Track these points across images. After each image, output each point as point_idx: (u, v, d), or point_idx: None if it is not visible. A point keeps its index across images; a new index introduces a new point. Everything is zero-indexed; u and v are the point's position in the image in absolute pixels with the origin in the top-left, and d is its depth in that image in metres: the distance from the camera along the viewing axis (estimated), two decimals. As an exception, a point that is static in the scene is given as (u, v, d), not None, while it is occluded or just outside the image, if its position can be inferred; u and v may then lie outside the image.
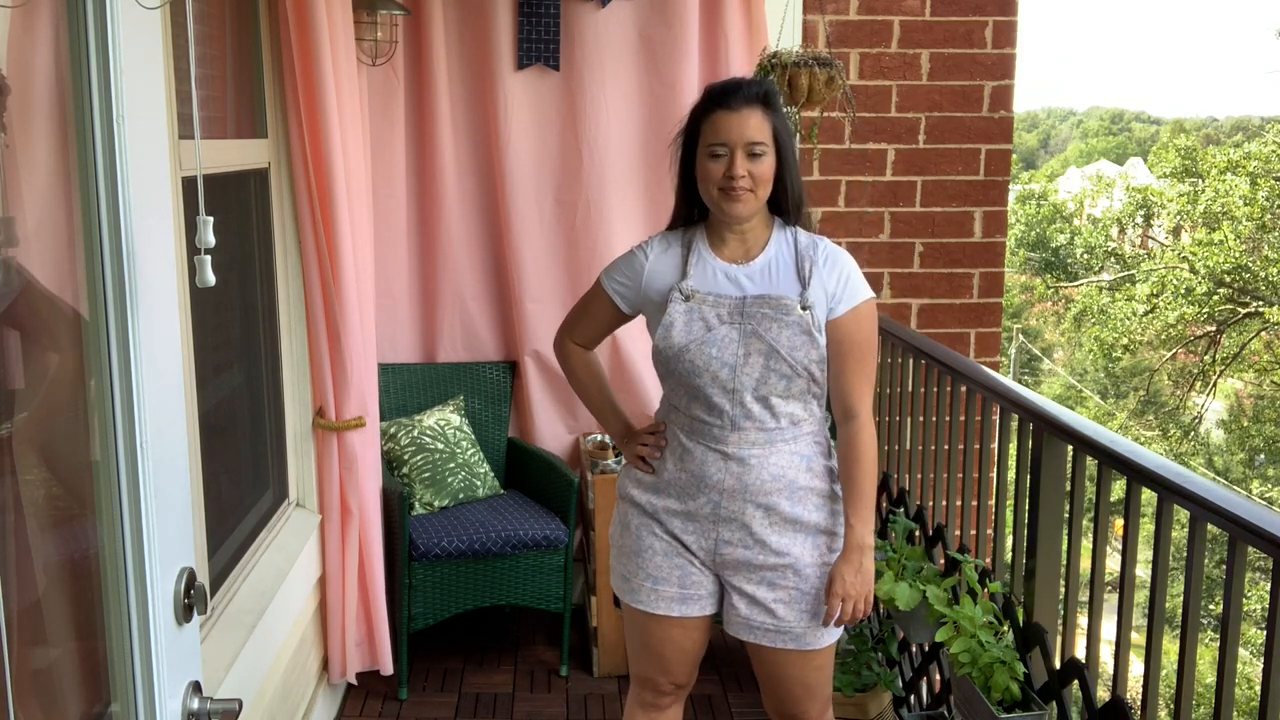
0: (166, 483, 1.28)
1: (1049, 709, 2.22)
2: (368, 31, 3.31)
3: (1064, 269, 20.83)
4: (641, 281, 2.18)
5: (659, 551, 2.18)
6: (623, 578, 2.24)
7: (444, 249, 3.70)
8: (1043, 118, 61.24)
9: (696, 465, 2.12)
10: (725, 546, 2.14)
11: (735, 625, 2.19)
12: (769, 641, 2.16)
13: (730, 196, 2.05)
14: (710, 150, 2.06)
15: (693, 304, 2.09)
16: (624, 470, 2.29)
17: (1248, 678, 11.17)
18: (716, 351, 2.06)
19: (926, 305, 3.91)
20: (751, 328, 2.06)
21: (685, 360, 2.08)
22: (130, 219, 1.20)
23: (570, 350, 2.35)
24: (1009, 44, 3.81)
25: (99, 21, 1.16)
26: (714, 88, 2.12)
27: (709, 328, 2.07)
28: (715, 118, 2.06)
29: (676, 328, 2.09)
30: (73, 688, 1.28)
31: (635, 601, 2.21)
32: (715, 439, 2.10)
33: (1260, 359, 16.09)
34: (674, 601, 2.18)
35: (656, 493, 2.18)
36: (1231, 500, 1.73)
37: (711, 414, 2.09)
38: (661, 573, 2.18)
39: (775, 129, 2.07)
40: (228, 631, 2.35)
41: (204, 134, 2.43)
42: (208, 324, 2.42)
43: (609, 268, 2.26)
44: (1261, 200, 15.33)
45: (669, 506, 2.16)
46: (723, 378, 2.06)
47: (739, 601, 2.17)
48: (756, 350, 2.05)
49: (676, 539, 2.17)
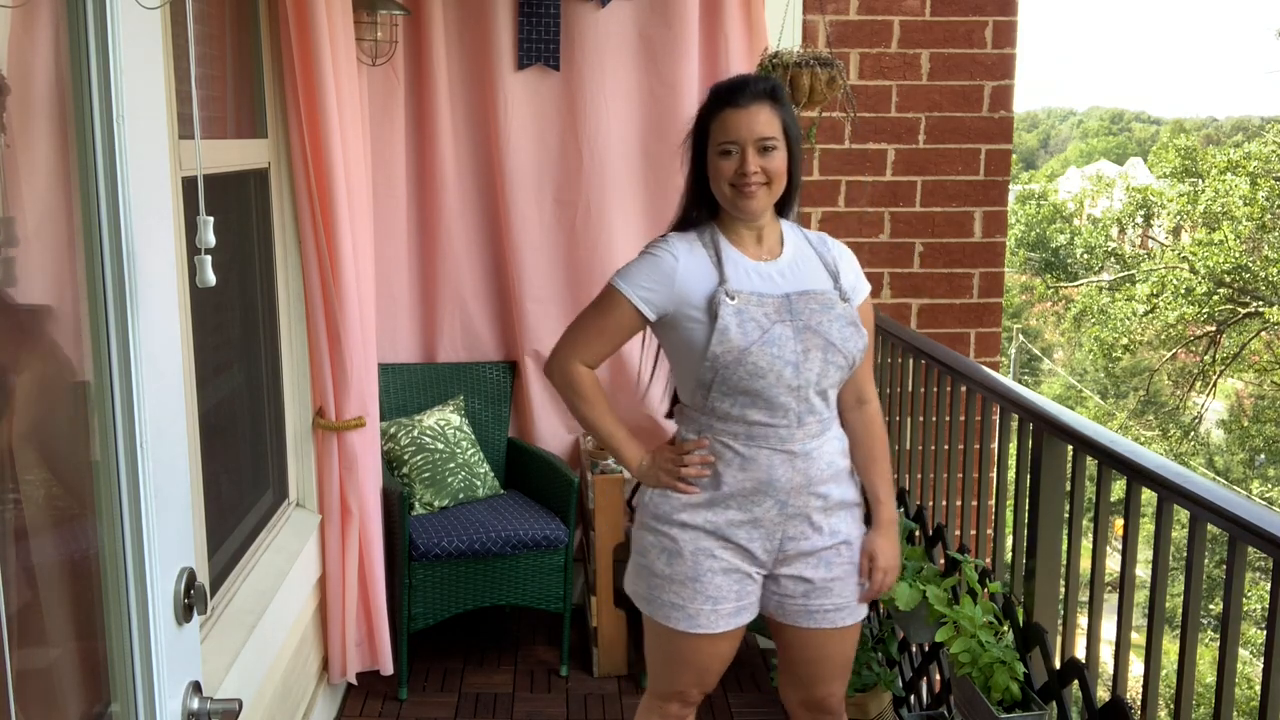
0: (166, 483, 1.28)
1: (1049, 709, 2.22)
2: (368, 31, 3.31)
3: (1064, 269, 20.82)
4: (674, 285, 2.07)
5: (718, 571, 2.11)
6: (675, 606, 2.12)
7: (444, 249, 3.70)
8: (1043, 118, 61.26)
9: (762, 471, 2.07)
10: (789, 543, 2.12)
11: (791, 613, 2.17)
12: (827, 622, 2.17)
13: (744, 193, 2.04)
14: (721, 148, 2.05)
15: (739, 304, 2.03)
16: (655, 496, 2.15)
17: (1248, 678, 11.17)
18: (777, 350, 2.02)
19: (926, 305, 3.91)
20: (804, 323, 2.05)
21: (747, 363, 2.01)
22: (130, 219, 1.20)
23: (580, 374, 2.16)
24: (1009, 44, 3.81)
25: (99, 21, 1.16)
26: (721, 86, 2.11)
27: (763, 328, 2.02)
28: (724, 116, 2.05)
29: (732, 331, 2.01)
30: (73, 688, 1.28)
31: (694, 627, 2.12)
32: (780, 439, 2.07)
33: (1260, 359, 16.10)
34: (731, 616, 2.14)
35: (715, 508, 2.10)
36: (1231, 500, 1.73)
37: (775, 415, 2.05)
38: (721, 592, 2.11)
39: (785, 123, 2.06)
40: (228, 631, 2.35)
41: (204, 134, 2.43)
42: (208, 324, 2.42)
43: (627, 275, 2.12)
44: (1261, 200, 15.33)
45: (732, 519, 2.09)
46: (787, 376, 2.03)
47: (794, 588, 2.15)
48: (814, 345, 2.05)
49: (741, 548, 2.11)
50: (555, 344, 2.21)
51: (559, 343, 2.19)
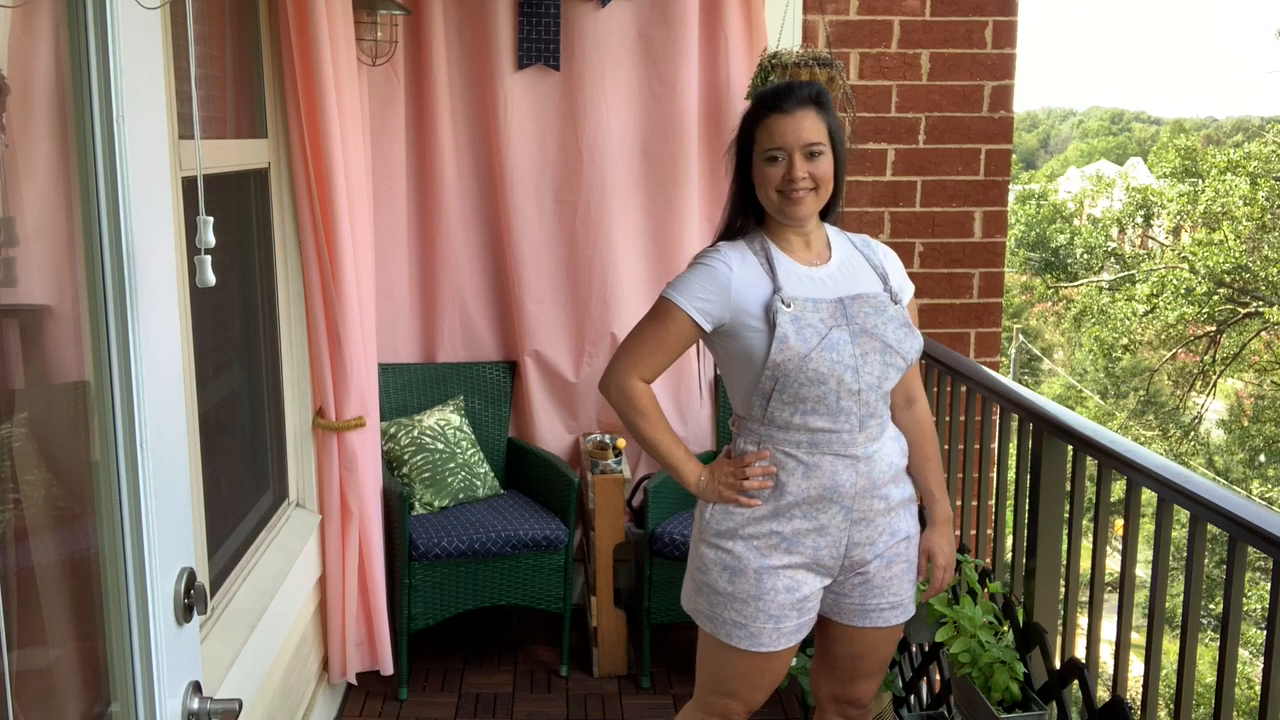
0: (166, 483, 1.28)
1: (1049, 709, 2.22)
2: (368, 31, 3.31)
3: (1064, 269, 20.82)
4: (730, 294, 2.04)
5: (780, 590, 2.08)
6: (737, 625, 2.09)
7: (444, 249, 3.70)
8: (1043, 118, 61.24)
9: (827, 478, 2.05)
10: (855, 549, 2.11)
11: (847, 612, 2.17)
12: (882, 621, 2.17)
13: (792, 199, 2.03)
14: (767, 154, 2.04)
15: (795, 311, 2.01)
16: (716, 512, 2.11)
17: (1248, 677, 11.17)
18: (836, 355, 2.01)
19: (926, 305, 3.91)
20: (859, 326, 2.04)
21: (809, 369, 1.99)
22: (130, 219, 1.19)
23: (639, 389, 2.12)
24: (1009, 44, 3.81)
25: (99, 21, 1.16)
26: (766, 92, 2.09)
27: (820, 334, 2.01)
28: (770, 122, 2.04)
29: (791, 338, 1.99)
30: (73, 688, 1.28)
31: (756, 645, 2.09)
32: (843, 445, 2.06)
33: (1260, 359, 16.10)
34: (793, 633, 2.12)
35: (779, 518, 2.07)
36: (1231, 500, 1.73)
37: (837, 420, 2.04)
38: (783, 610, 2.09)
39: (830, 128, 2.06)
40: (228, 631, 2.35)
41: (204, 134, 2.43)
42: (208, 324, 2.42)
43: (680, 287, 2.08)
44: (1261, 200, 15.32)
45: (798, 529, 2.07)
46: (847, 380, 2.02)
47: (854, 590, 2.15)
48: (872, 349, 2.04)
49: (808, 557, 2.09)
50: (611, 361, 2.16)
51: (615, 359, 2.15)
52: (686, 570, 2.22)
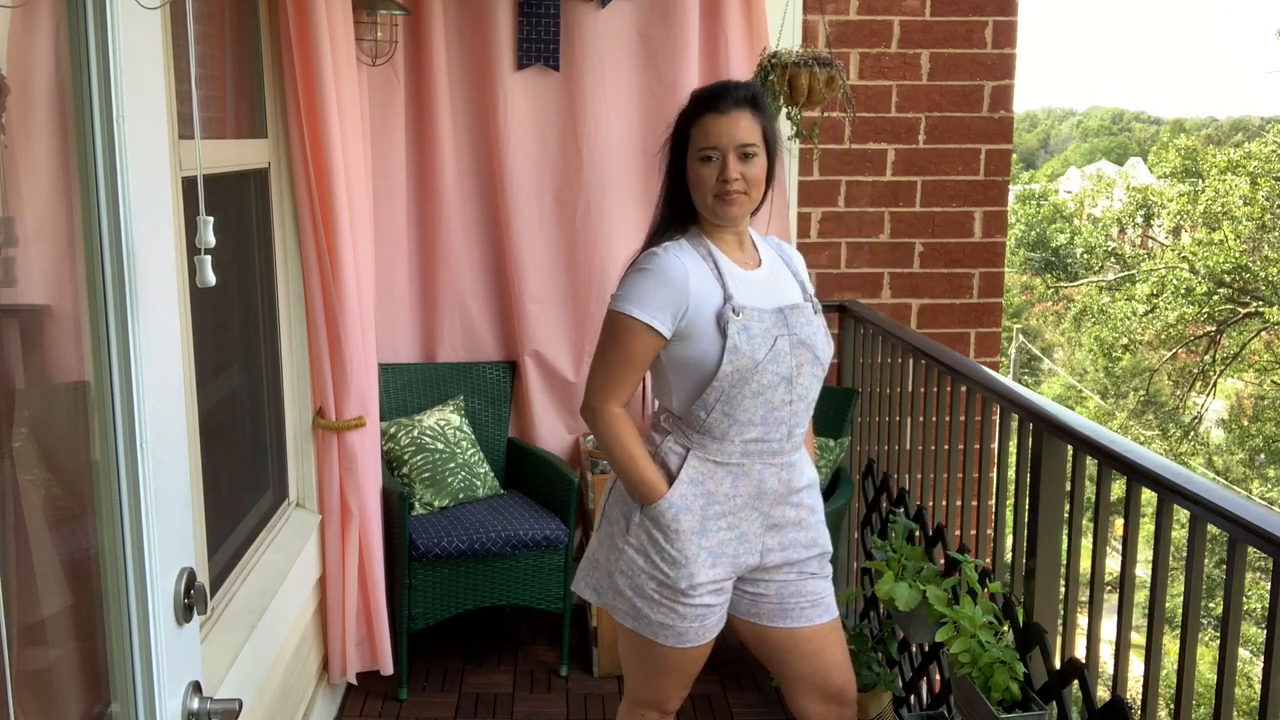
0: (166, 483, 1.28)
1: (1049, 709, 2.22)
2: (368, 31, 3.31)
3: (1064, 269, 20.84)
4: (689, 297, 2.01)
5: (706, 594, 2.11)
6: (664, 625, 2.10)
7: (444, 249, 3.70)
8: (1043, 118, 61.22)
9: (754, 484, 2.08)
10: (769, 554, 2.15)
11: (769, 614, 2.18)
12: (806, 620, 2.19)
13: (725, 200, 2.04)
14: (701, 154, 2.04)
15: (744, 320, 2.01)
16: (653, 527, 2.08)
17: (1248, 677, 11.17)
18: (778, 366, 2.03)
19: (926, 305, 3.91)
20: (798, 337, 2.06)
21: (754, 381, 2.01)
22: (130, 219, 1.19)
23: (621, 419, 2.08)
24: (1009, 44, 3.81)
25: (99, 21, 1.16)
26: (701, 92, 2.11)
27: (768, 344, 2.02)
28: (705, 122, 2.05)
29: (743, 347, 2.00)
30: (73, 688, 1.28)
31: (682, 643, 2.12)
32: (774, 452, 2.09)
33: (1260, 359, 16.10)
34: (715, 626, 2.16)
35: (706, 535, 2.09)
36: (1231, 500, 1.73)
37: (769, 429, 2.06)
38: (709, 611, 2.13)
39: (765, 130, 2.07)
40: (228, 631, 2.35)
41: (204, 134, 2.43)
42: (208, 324, 2.42)
43: (634, 300, 2.02)
44: (1261, 200, 15.33)
45: (723, 540, 2.10)
46: (781, 391, 2.04)
47: (770, 590, 2.17)
48: (805, 359, 2.07)
49: (730, 568, 2.12)
50: (586, 390, 2.12)
51: (590, 390, 2.10)
52: (594, 560, 2.20)
